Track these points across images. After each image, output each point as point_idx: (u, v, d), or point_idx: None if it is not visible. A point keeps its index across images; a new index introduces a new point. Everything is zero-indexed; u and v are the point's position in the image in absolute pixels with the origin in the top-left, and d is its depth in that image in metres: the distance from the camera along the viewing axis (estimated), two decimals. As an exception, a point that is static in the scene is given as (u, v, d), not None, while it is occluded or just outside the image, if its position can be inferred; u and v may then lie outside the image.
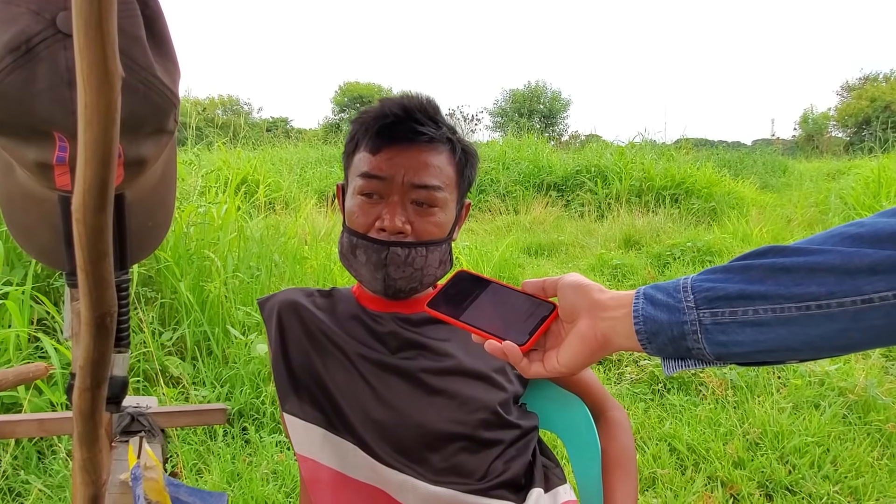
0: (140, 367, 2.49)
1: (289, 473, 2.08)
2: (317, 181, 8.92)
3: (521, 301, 0.62)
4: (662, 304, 0.54)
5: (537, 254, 6.52)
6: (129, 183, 0.59)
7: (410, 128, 0.87)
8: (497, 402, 0.92)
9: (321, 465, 0.89)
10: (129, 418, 0.68)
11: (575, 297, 0.58)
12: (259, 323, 2.89)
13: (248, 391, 2.50)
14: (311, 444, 0.89)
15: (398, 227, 0.86)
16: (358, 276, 0.92)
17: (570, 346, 0.58)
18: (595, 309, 0.57)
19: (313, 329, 0.94)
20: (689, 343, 0.52)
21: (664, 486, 2.21)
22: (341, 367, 0.91)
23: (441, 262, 0.93)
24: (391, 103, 0.89)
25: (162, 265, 2.84)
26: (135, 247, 0.65)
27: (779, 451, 2.40)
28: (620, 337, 0.56)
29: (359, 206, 0.89)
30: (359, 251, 0.88)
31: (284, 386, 0.92)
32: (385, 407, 0.89)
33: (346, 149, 0.95)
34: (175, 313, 2.84)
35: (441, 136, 0.89)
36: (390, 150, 0.87)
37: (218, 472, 2.05)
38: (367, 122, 0.89)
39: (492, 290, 0.65)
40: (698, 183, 8.64)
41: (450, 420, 0.89)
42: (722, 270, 0.53)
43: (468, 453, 0.89)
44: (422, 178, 0.87)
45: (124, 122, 0.56)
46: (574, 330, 0.58)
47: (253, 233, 3.51)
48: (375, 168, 0.87)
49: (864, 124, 26.13)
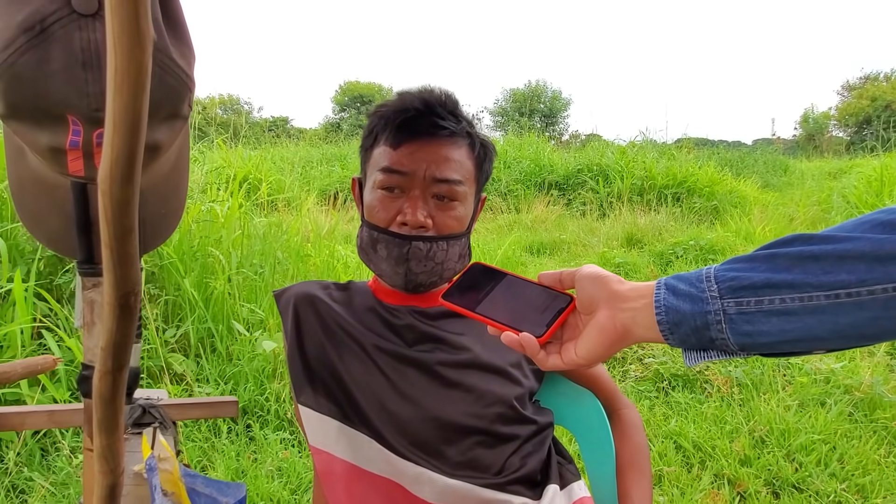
0: (144, 364, 2.48)
1: (294, 471, 2.07)
2: (318, 180, 8.91)
3: (538, 293, 0.62)
4: (685, 294, 0.53)
5: (539, 252, 6.51)
6: (143, 170, 0.58)
7: (431, 122, 0.86)
8: (513, 396, 0.92)
9: (335, 457, 0.88)
10: (141, 410, 0.67)
11: (593, 288, 0.58)
12: (263, 320, 2.88)
13: (253, 388, 2.49)
14: (325, 437, 0.89)
15: (420, 222, 0.86)
16: (378, 271, 0.92)
17: (588, 337, 0.57)
18: (614, 300, 0.56)
19: (329, 321, 0.93)
20: (713, 333, 0.51)
21: (670, 484, 2.20)
22: (357, 360, 0.91)
23: (460, 256, 0.92)
24: (411, 97, 0.88)
25: (166, 261, 2.83)
26: (148, 235, 0.63)
27: (785, 449, 2.39)
28: (641, 328, 0.55)
29: (379, 200, 0.88)
30: (380, 246, 0.88)
31: (299, 377, 0.92)
32: (401, 399, 0.89)
33: (364, 143, 0.94)
34: (179, 310, 2.83)
35: (461, 131, 0.89)
36: (411, 144, 0.87)
37: (223, 468, 2.04)
38: (386, 115, 0.89)
39: (507, 283, 0.64)
40: (700, 182, 8.62)
41: (466, 413, 0.88)
42: (746, 260, 0.52)
43: (484, 447, 0.88)
44: (443, 172, 0.87)
45: (140, 105, 0.55)
46: (593, 321, 0.57)
47: (256, 230, 3.50)
48: (396, 163, 0.86)
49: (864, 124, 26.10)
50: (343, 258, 3.96)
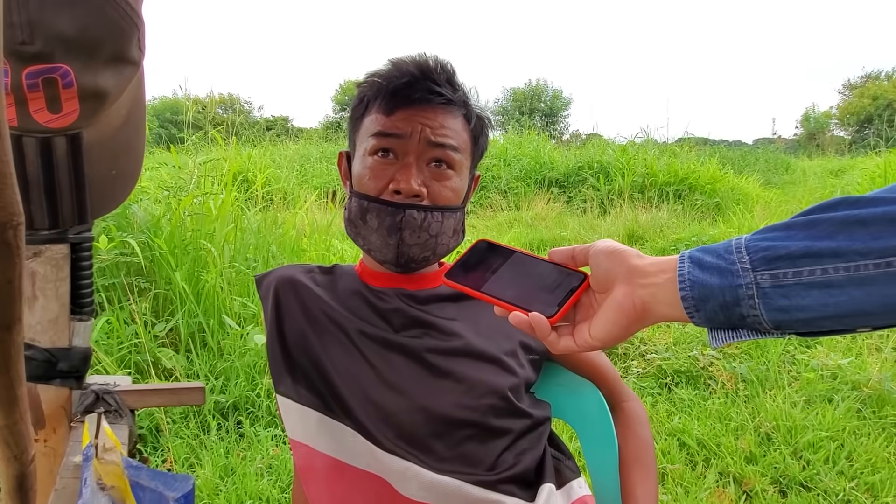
0: (132, 359, 2.41)
1: (284, 468, 2.00)
2: (317, 178, 8.85)
3: (548, 271, 0.57)
4: (712, 266, 0.47)
5: (539, 249, 6.46)
6: (86, 119, 0.51)
7: (427, 87, 0.82)
8: (507, 386, 0.85)
9: (316, 451, 0.82)
10: (94, 396, 0.60)
11: (609, 263, 0.53)
12: (256, 314, 2.81)
13: (244, 384, 2.42)
14: (305, 429, 0.83)
15: (414, 190, 0.80)
16: (367, 245, 0.85)
17: (604, 316, 0.52)
18: (633, 275, 0.51)
19: (311, 306, 0.87)
20: (744, 309, 0.46)
21: (674, 482, 2.13)
22: (340, 347, 0.85)
23: (455, 231, 0.87)
24: (405, 64, 0.84)
25: (157, 252, 2.76)
26: (96, 197, 0.57)
27: (792, 447, 2.32)
28: (662, 305, 0.50)
29: (370, 167, 0.83)
30: (370, 216, 0.82)
31: (279, 366, 0.86)
32: (387, 389, 0.83)
33: (354, 113, 0.89)
34: (169, 304, 2.76)
35: (458, 100, 0.85)
36: (405, 110, 0.82)
37: (210, 466, 1.97)
38: (378, 83, 0.84)
39: (515, 260, 0.59)
40: (702, 179, 8.56)
41: (456, 404, 0.82)
42: (782, 228, 0.47)
43: (476, 442, 0.82)
44: (439, 136, 0.82)
45: (75, 40, 0.48)
46: (609, 299, 0.52)
47: (250, 224, 3.44)
48: (391, 126, 0.81)
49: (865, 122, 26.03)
50: (339, 252, 3.89)
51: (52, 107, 0.49)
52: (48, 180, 0.53)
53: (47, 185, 0.53)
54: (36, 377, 0.56)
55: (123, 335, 2.46)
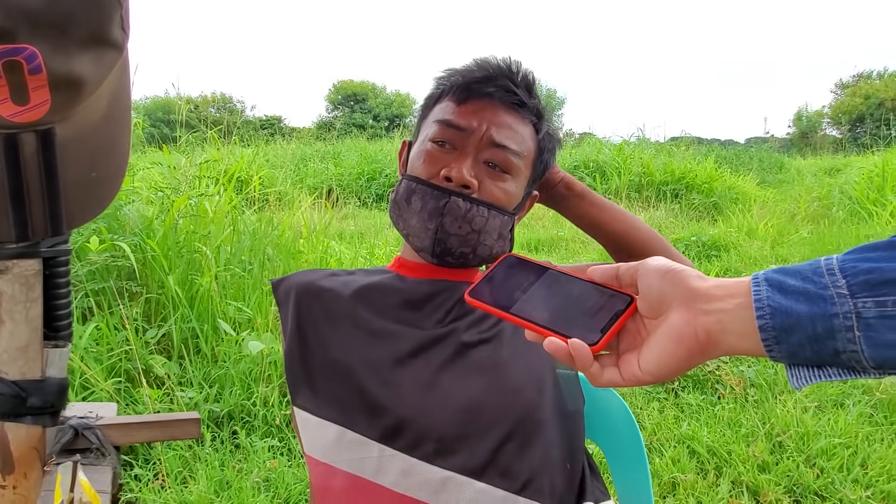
0: (122, 367, 2.32)
1: (282, 482, 1.92)
2: (311, 177, 8.76)
3: (588, 291, 0.49)
4: (798, 290, 0.40)
5: (537, 250, 6.39)
6: (59, 112, 0.43)
7: (504, 84, 0.81)
8: (551, 379, 0.81)
9: (336, 469, 0.76)
10: (72, 433, 0.52)
11: (663, 284, 0.45)
12: (251, 319, 2.72)
13: (239, 392, 2.33)
14: (324, 445, 0.77)
15: (465, 179, 0.77)
16: (406, 229, 0.81)
17: (657, 347, 0.44)
18: (694, 300, 0.43)
19: (336, 311, 0.82)
20: (840, 344, 0.38)
21: (686, 492, 2.06)
22: (369, 349, 0.79)
23: (500, 236, 0.81)
24: (488, 60, 0.84)
25: (148, 255, 2.67)
26: (73, 204, 0.49)
27: (805, 454, 2.26)
28: (732, 335, 0.42)
29: (427, 151, 0.81)
30: (415, 197, 0.79)
31: (297, 376, 0.81)
32: (422, 391, 0.77)
33: (426, 102, 0.87)
34: (162, 309, 2.67)
35: (532, 106, 0.83)
36: (477, 102, 0.80)
37: (205, 480, 1.88)
38: (457, 75, 0.83)
39: (549, 278, 0.52)
40: (699, 178, 8.54)
41: (497, 399, 0.77)
42: (885, 247, 0.39)
43: (515, 442, 0.76)
44: (503, 137, 0.79)
45: (42, 15, 0.40)
46: (663, 327, 0.44)
47: (246, 226, 3.35)
48: (458, 116, 0.80)
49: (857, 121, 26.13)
50: (337, 254, 3.81)
51: (18, 97, 0.41)
52: (15, 185, 0.45)
53: (14, 190, 0.45)
54: (3, 414, 0.48)
55: (113, 342, 2.37)
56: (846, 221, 6.07)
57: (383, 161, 9.32)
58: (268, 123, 21.17)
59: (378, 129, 22.44)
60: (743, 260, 4.91)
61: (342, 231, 5.81)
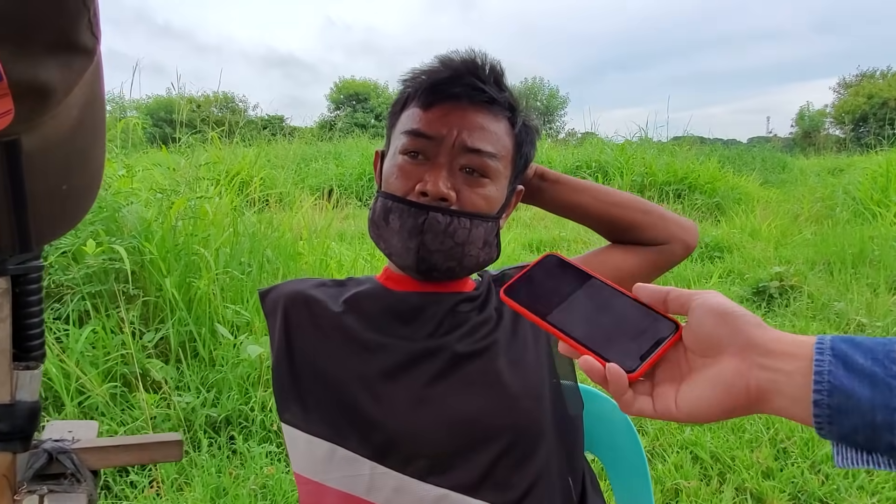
0: (118, 372, 2.30)
1: (279, 488, 1.89)
2: (312, 177, 8.74)
3: (632, 310, 0.46)
4: (864, 371, 0.37)
5: (539, 250, 6.36)
6: (24, 122, 0.40)
7: (470, 83, 0.76)
8: (546, 389, 0.79)
9: (327, 487, 0.74)
10: (46, 457, 0.49)
11: (719, 327, 0.42)
12: (249, 322, 2.70)
13: (237, 396, 2.31)
14: (314, 462, 0.75)
15: (441, 192, 0.73)
16: (388, 248, 0.78)
17: (701, 390, 0.42)
18: (751, 351, 0.40)
19: (325, 324, 0.79)
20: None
21: (689, 499, 2.03)
22: (359, 364, 0.77)
23: (486, 243, 0.78)
24: (451, 59, 0.79)
25: (146, 258, 2.64)
26: (43, 219, 0.46)
27: (810, 460, 2.23)
28: (785, 398, 0.39)
29: (399, 166, 0.77)
30: (392, 216, 0.75)
31: (285, 391, 0.78)
32: (415, 406, 0.74)
33: (394, 108, 0.83)
34: (159, 312, 2.65)
35: (503, 101, 0.79)
36: (444, 106, 0.76)
37: (201, 487, 1.86)
38: (421, 77, 0.79)
39: (592, 287, 0.48)
40: (701, 178, 8.49)
41: (493, 412, 0.74)
42: None
43: (512, 456, 0.74)
44: (476, 141, 0.75)
45: (2, 19, 0.38)
46: (713, 371, 0.41)
47: (246, 228, 3.32)
48: (425, 125, 0.76)
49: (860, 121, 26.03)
50: (337, 256, 3.78)
51: (-22, 107, 0.38)
52: (-22, 199, 0.42)
53: (-23, 205, 0.42)
54: (-31, 440, 0.45)
55: (110, 345, 2.35)
56: (850, 222, 6.02)
57: (384, 161, 9.30)
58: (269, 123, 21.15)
59: (380, 128, 22.42)
60: (746, 261, 4.87)
61: (343, 231, 5.79)
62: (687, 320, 0.44)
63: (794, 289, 3.95)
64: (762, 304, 3.91)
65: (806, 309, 3.68)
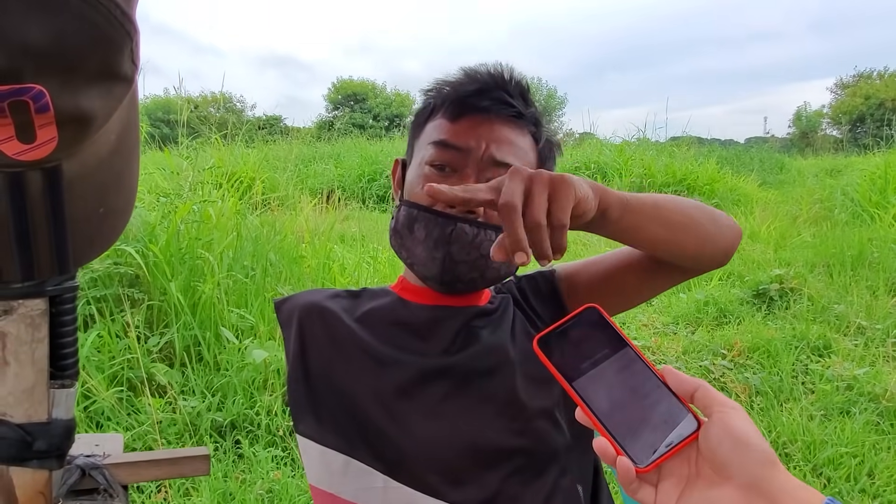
0: (124, 376, 2.30)
1: (286, 493, 1.90)
2: (312, 178, 8.74)
3: (658, 395, 0.45)
4: None
5: (539, 252, 6.36)
6: (66, 149, 0.41)
7: (499, 97, 0.76)
8: (555, 404, 0.78)
9: (341, 499, 0.74)
10: (79, 473, 0.50)
11: (732, 453, 0.41)
12: (254, 326, 2.71)
13: (242, 401, 2.32)
14: (329, 474, 0.75)
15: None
16: (411, 258, 0.77)
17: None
18: (757, 494, 0.40)
19: (341, 336, 0.79)
20: None
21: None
22: (373, 378, 0.76)
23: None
24: (478, 72, 0.79)
25: (150, 261, 2.65)
26: (80, 241, 0.47)
27: (812, 463, 2.25)
28: None
29: (426, 177, 0.76)
30: (417, 226, 0.75)
31: (301, 403, 0.78)
32: (428, 420, 0.74)
33: (417, 118, 0.82)
34: (164, 316, 2.65)
35: (530, 116, 0.79)
36: (472, 118, 0.76)
37: (208, 492, 1.87)
38: (447, 89, 0.79)
39: (624, 358, 0.47)
40: (700, 179, 8.51)
41: (507, 430, 0.74)
42: None
43: (525, 474, 0.74)
44: (504, 154, 0.75)
45: (49, 54, 0.38)
46: (715, 494, 0.41)
47: (249, 231, 3.33)
48: (453, 136, 0.75)
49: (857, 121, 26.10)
50: (339, 259, 3.79)
51: (24, 136, 0.39)
52: (20, 224, 0.43)
53: (19, 229, 0.43)
54: (8, 459, 0.46)
55: (115, 350, 2.36)
56: (849, 224, 6.04)
57: (384, 162, 9.31)
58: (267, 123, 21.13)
59: (378, 128, 22.43)
60: (746, 263, 4.89)
61: (344, 233, 5.79)
62: (706, 426, 0.43)
63: (795, 291, 3.97)
64: (762, 307, 3.93)
65: (806, 311, 3.70)
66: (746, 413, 0.43)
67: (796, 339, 3.23)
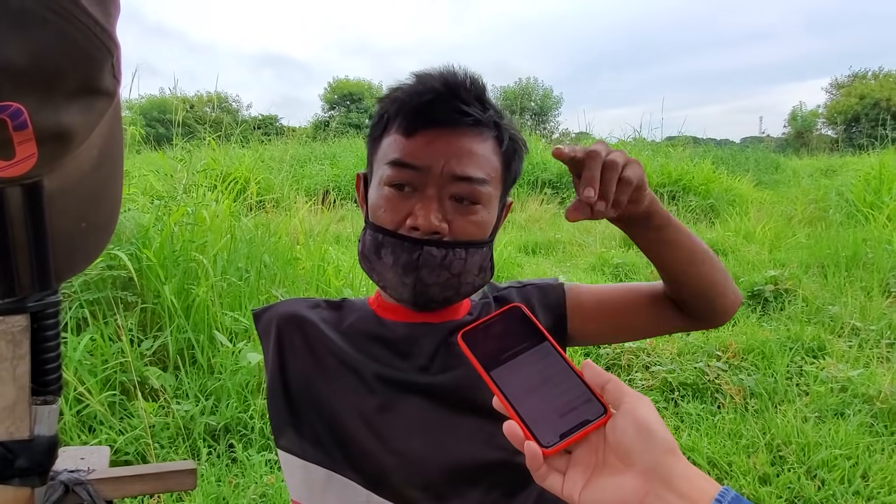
0: (117, 380, 2.29)
1: (279, 497, 1.89)
2: (307, 178, 8.72)
3: (570, 385, 0.48)
4: None
5: (534, 252, 6.37)
6: (46, 165, 0.41)
7: (454, 107, 0.71)
8: None
9: None
10: (63, 489, 0.50)
11: (636, 441, 0.43)
12: (248, 329, 2.69)
13: (236, 404, 2.31)
14: (310, 489, 0.74)
15: (433, 227, 0.69)
16: (381, 282, 0.76)
17: (601, 492, 0.43)
18: (656, 479, 0.41)
19: (319, 348, 0.78)
20: None
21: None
22: (353, 393, 0.75)
23: (481, 269, 0.76)
24: (430, 78, 0.74)
25: (144, 264, 2.64)
26: (62, 256, 0.46)
27: (806, 465, 2.25)
28: None
29: (386, 199, 0.73)
30: (384, 251, 0.73)
31: (281, 416, 0.77)
32: (409, 436, 0.73)
33: (373, 132, 0.78)
34: (157, 319, 2.64)
35: (488, 120, 0.74)
36: (428, 133, 0.72)
37: (201, 497, 1.86)
38: (400, 99, 0.74)
39: (541, 352, 0.50)
40: (696, 180, 8.53)
41: (487, 444, 0.73)
42: None
43: (508, 487, 0.73)
44: (465, 168, 0.71)
45: (27, 72, 0.38)
46: (616, 480, 0.43)
47: (243, 233, 3.31)
48: (409, 154, 0.71)
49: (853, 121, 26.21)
50: (334, 261, 3.78)
51: (3, 153, 0.39)
52: (0, 240, 0.42)
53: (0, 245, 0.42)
54: (-11, 477, 0.46)
55: (108, 353, 2.34)
56: (843, 224, 6.06)
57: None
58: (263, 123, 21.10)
59: (374, 129, 22.36)
60: (741, 265, 4.90)
61: (339, 234, 5.78)
62: (614, 416, 0.44)
63: (789, 292, 3.98)
64: (757, 308, 3.94)
65: (801, 313, 3.71)
66: (653, 404, 0.45)
67: (791, 340, 3.24)
